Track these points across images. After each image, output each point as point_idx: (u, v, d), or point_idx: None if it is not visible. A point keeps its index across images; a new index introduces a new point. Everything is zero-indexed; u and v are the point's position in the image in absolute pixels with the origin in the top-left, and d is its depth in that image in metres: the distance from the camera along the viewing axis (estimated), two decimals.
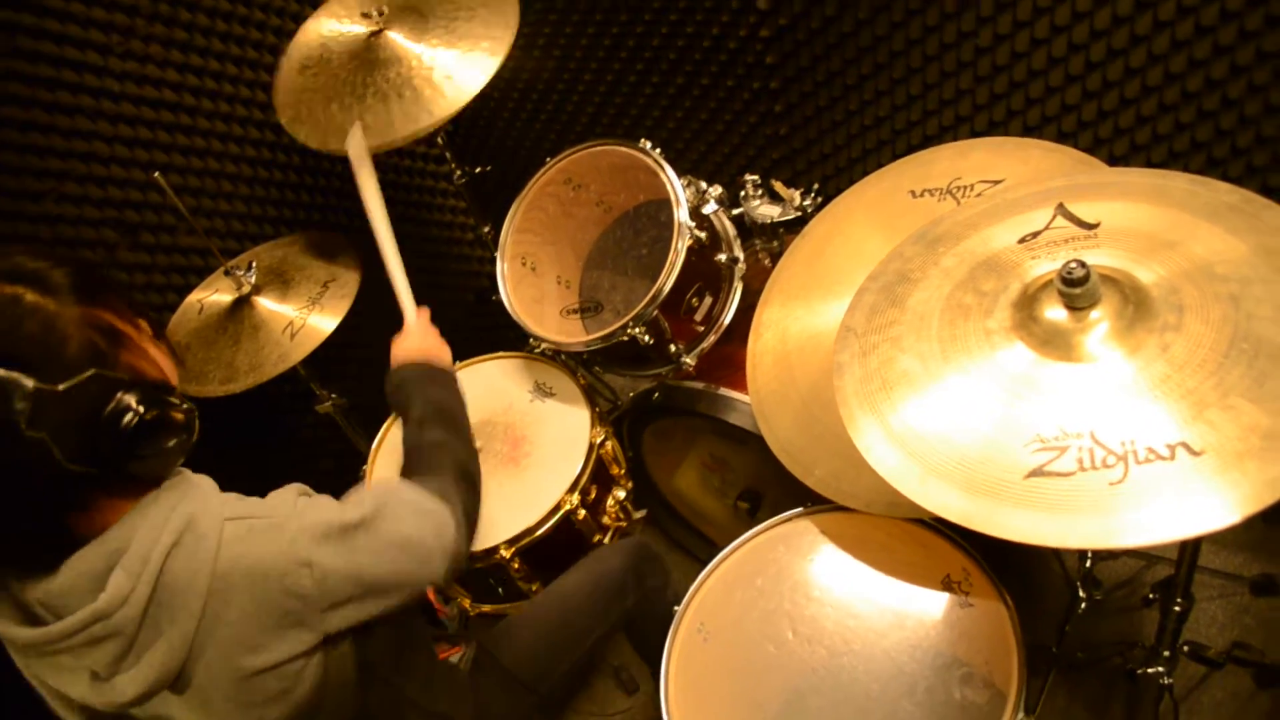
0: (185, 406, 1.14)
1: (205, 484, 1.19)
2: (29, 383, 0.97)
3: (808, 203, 2.06)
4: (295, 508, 1.18)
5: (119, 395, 1.05)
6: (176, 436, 1.12)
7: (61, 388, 1.00)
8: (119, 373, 1.07)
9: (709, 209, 2.00)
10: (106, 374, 1.05)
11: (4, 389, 0.97)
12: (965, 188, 1.71)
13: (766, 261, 2.17)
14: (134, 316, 1.15)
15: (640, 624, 1.90)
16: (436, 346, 1.75)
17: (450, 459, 1.48)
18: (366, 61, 2.10)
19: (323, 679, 1.18)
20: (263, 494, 1.25)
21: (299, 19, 2.46)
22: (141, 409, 1.05)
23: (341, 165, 2.57)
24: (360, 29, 2.15)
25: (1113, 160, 2.06)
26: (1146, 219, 1.23)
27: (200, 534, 1.10)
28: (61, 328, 1.03)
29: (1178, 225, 1.20)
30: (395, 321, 2.60)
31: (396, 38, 2.10)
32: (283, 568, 1.12)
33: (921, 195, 1.76)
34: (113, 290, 1.14)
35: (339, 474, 2.74)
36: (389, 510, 1.26)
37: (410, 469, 1.47)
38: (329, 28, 2.23)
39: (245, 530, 1.13)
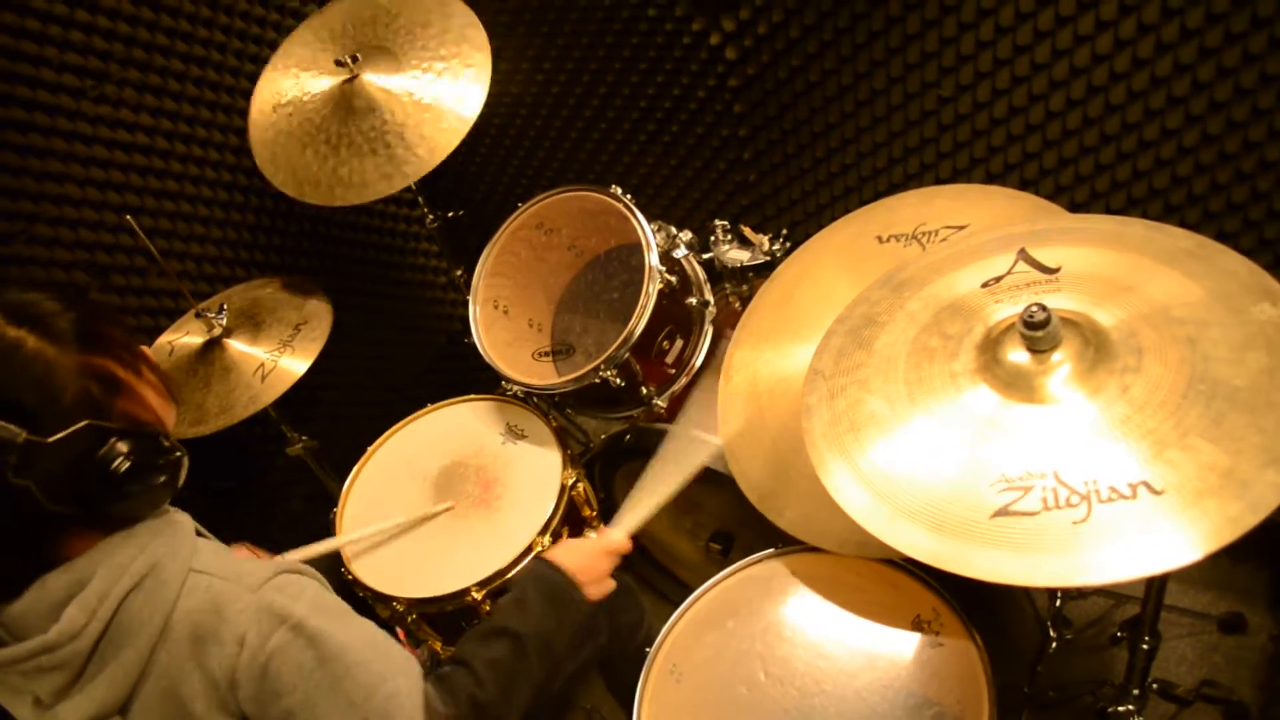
0: (176, 454, 1.14)
1: (183, 525, 1.18)
2: (19, 435, 0.98)
3: (776, 247, 2.09)
4: (267, 582, 1.14)
5: (111, 442, 1.05)
6: (162, 484, 1.12)
7: (51, 440, 1.00)
8: (113, 421, 1.07)
9: (679, 253, 2.02)
10: (100, 424, 1.05)
11: None
12: (930, 233, 1.74)
13: (736, 305, 2.19)
14: (134, 358, 1.14)
15: (614, 661, 1.89)
16: (603, 573, 1.59)
17: (476, 684, 1.30)
18: (342, 107, 2.11)
19: None
20: (232, 538, 1.24)
21: None
22: (133, 458, 1.05)
23: (314, 208, 2.59)
24: (333, 79, 2.16)
25: (1073, 207, 2.10)
26: (1106, 264, 1.26)
27: (163, 579, 1.09)
28: (59, 378, 1.03)
29: (1136, 270, 1.23)
30: (368, 364, 2.60)
31: (370, 84, 2.12)
32: (220, 635, 1.09)
33: (888, 240, 1.79)
34: (116, 330, 1.14)
35: (309, 516, 2.72)
36: (373, 659, 1.18)
37: (455, 659, 1.36)
38: (301, 58, 2.24)
39: (204, 586, 1.11)
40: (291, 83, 2.22)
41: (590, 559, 1.56)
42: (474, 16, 2.15)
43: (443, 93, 2.09)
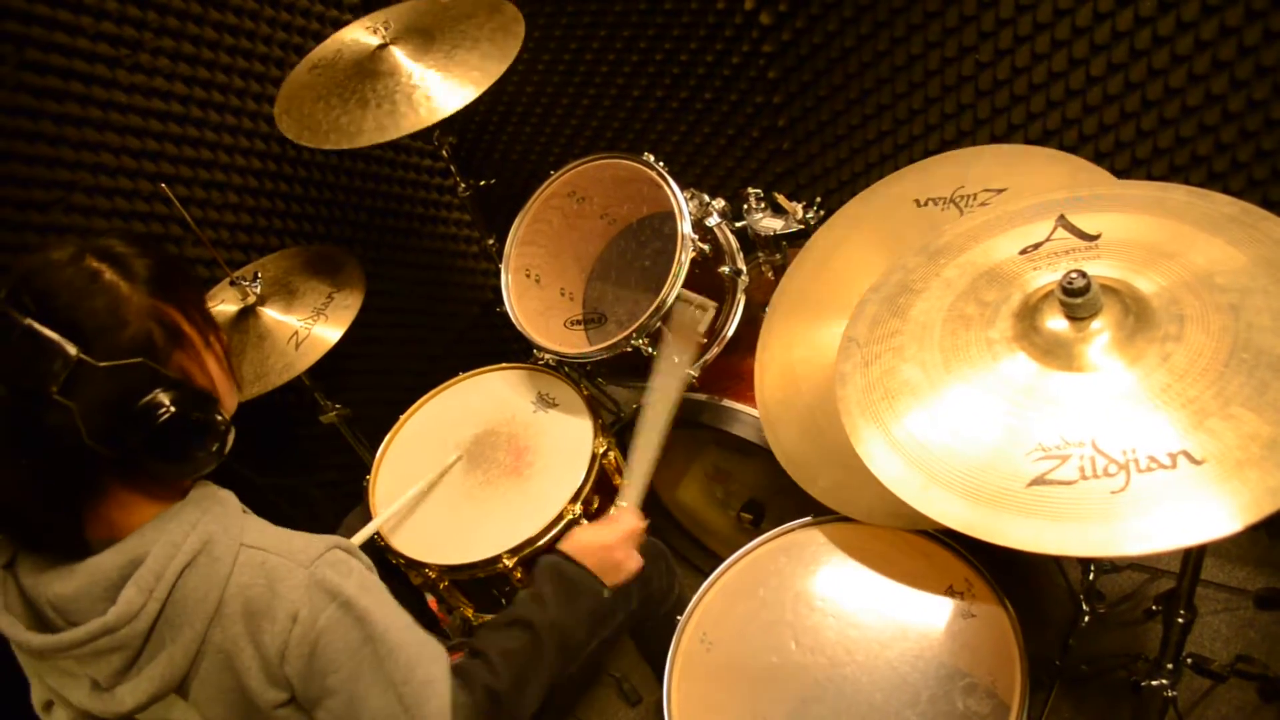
0: (224, 423, 1.14)
1: (229, 502, 1.19)
2: (72, 350, 0.99)
3: (810, 215, 2.07)
4: (320, 558, 1.14)
5: (159, 390, 1.05)
6: (205, 447, 1.12)
7: (103, 365, 1.01)
8: (168, 370, 1.08)
9: (712, 221, 2.01)
10: (154, 366, 1.06)
11: (48, 349, 0.99)
12: (969, 196, 1.71)
13: (769, 274, 2.18)
14: (205, 324, 1.16)
15: (644, 626, 1.89)
16: (619, 562, 1.56)
17: (491, 675, 1.30)
18: (365, 70, 2.12)
19: None
20: (266, 505, 1.25)
21: (305, 33, 2.49)
22: (175, 409, 1.05)
23: (347, 178, 2.59)
24: (372, 40, 2.17)
25: (1114, 174, 2.05)
26: (1147, 230, 1.24)
27: (215, 556, 1.10)
28: (125, 312, 1.04)
29: (1178, 236, 1.21)
30: (401, 332, 2.60)
31: (399, 54, 2.12)
32: (274, 610, 1.10)
33: (926, 204, 1.77)
34: (191, 291, 1.15)
35: (343, 484, 2.75)
36: (411, 648, 1.18)
37: (473, 649, 1.36)
38: (351, 35, 2.26)
39: (258, 562, 1.12)
40: (334, 50, 2.24)
41: (608, 549, 1.55)
42: (519, 14, 2.14)
43: (460, 63, 2.08)
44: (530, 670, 1.36)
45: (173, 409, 1.05)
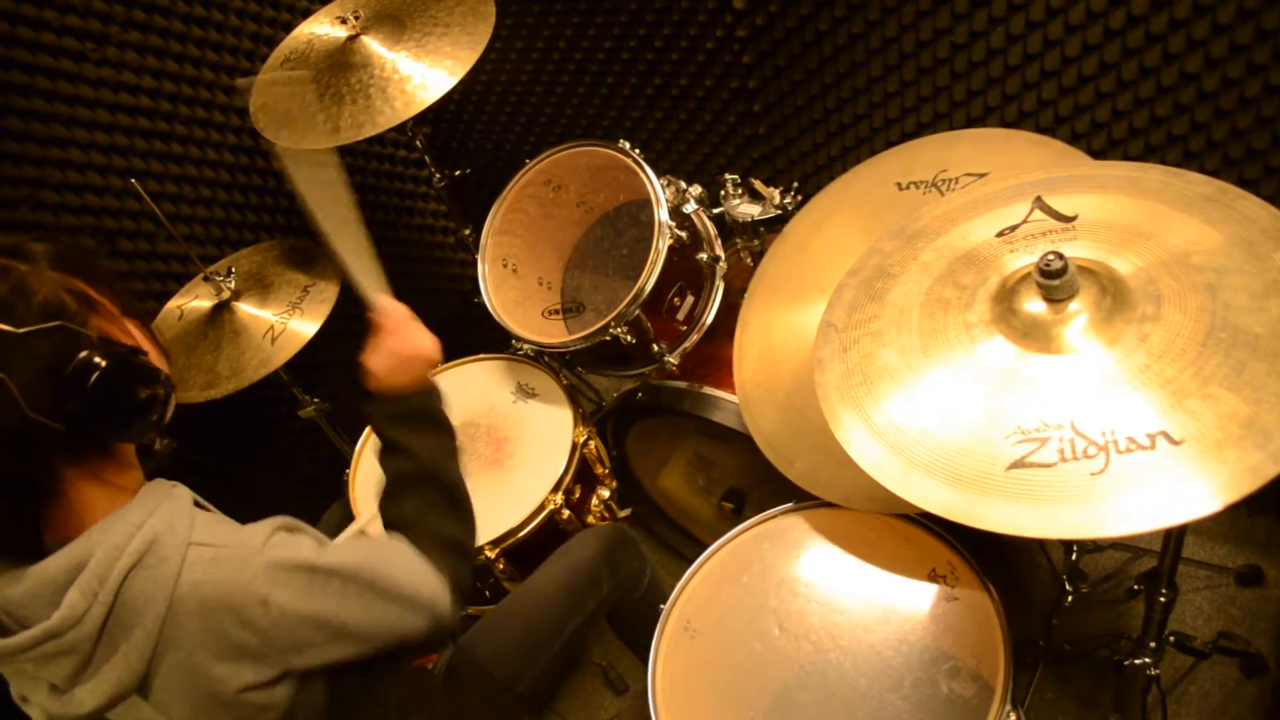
0: (161, 377, 1.13)
1: (181, 500, 1.17)
2: None
3: (788, 201, 2.06)
4: (267, 542, 1.14)
5: (85, 352, 1.04)
6: (148, 410, 1.11)
7: (22, 331, 1.00)
8: (88, 330, 1.07)
9: (689, 208, 2.00)
10: (73, 327, 1.05)
11: None
12: (950, 180, 1.71)
13: (748, 260, 2.17)
14: (114, 295, 1.14)
15: (620, 611, 1.89)
16: (417, 355, 1.49)
17: (430, 535, 1.36)
18: (338, 63, 2.09)
19: (289, 710, 1.16)
20: (245, 500, 1.24)
21: (276, 24, 2.46)
22: (107, 362, 1.04)
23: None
24: (341, 32, 2.14)
25: (1090, 154, 2.05)
26: (1123, 211, 1.24)
27: (162, 556, 1.08)
28: (29, 284, 1.04)
29: (1154, 217, 1.20)
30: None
31: (372, 43, 2.09)
32: (237, 601, 1.09)
33: (907, 187, 1.76)
34: (99, 271, 1.14)
35: (323, 478, 2.73)
36: (380, 559, 1.25)
37: (388, 523, 1.40)
38: (320, 24, 2.24)
39: (209, 558, 1.10)
40: (304, 42, 2.22)
41: (405, 358, 1.49)
42: None
43: (433, 51, 2.06)
44: (448, 510, 1.41)
45: (104, 363, 1.04)
